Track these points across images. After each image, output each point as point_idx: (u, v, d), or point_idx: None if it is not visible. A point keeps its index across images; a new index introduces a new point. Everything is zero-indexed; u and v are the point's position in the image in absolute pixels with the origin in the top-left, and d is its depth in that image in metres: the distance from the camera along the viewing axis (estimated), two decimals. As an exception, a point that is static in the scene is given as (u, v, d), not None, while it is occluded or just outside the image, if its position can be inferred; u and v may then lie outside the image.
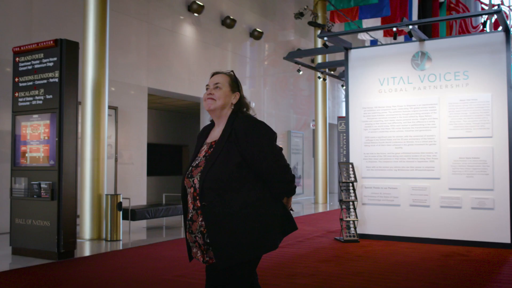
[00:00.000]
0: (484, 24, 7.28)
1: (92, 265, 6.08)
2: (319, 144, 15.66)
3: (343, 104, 21.70)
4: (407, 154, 7.76)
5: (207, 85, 2.78)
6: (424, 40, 7.68)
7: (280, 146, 2.61)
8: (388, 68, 7.97)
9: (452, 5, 20.22)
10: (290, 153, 17.02)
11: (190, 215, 2.66)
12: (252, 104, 9.93)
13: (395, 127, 7.86)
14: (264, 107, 15.79)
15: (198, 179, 2.59)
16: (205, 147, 2.73)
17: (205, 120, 13.93)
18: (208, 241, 2.56)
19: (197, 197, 2.60)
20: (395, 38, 7.38)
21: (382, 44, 8.67)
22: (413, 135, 7.72)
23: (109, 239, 7.78)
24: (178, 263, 6.00)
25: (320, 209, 14.02)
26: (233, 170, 2.54)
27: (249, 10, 15.13)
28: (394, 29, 7.21)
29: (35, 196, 6.31)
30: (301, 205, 15.38)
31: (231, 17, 13.83)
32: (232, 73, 2.82)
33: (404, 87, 7.84)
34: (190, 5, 12.61)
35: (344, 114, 20.73)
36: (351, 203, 7.86)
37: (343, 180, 7.84)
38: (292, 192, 2.67)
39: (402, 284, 5.07)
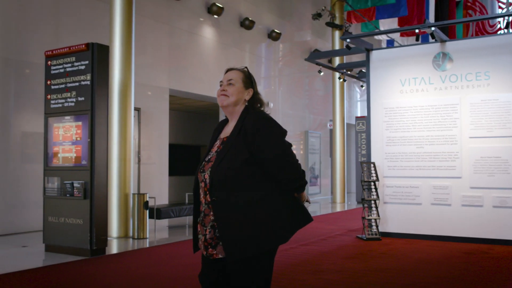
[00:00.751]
0: (507, 25, 7.35)
1: (123, 262, 6.28)
2: (337, 144, 15.77)
3: (359, 104, 21.78)
4: (429, 153, 7.87)
5: (221, 81, 2.79)
6: (445, 41, 7.78)
7: (290, 142, 2.64)
8: (409, 69, 8.09)
9: (469, 4, 20.17)
10: (308, 153, 17.15)
11: (203, 208, 2.69)
12: (271, 105, 10.09)
13: (416, 127, 7.97)
14: (280, 107, 15.93)
15: (209, 174, 2.61)
16: (218, 142, 2.75)
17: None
18: (217, 235, 2.58)
19: (208, 192, 2.63)
20: (417, 40, 7.49)
21: (403, 45, 8.77)
22: (434, 135, 7.83)
23: (136, 237, 7.98)
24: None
25: (338, 208, 14.14)
26: (241, 166, 2.55)
27: (267, 12, 15.29)
28: (417, 30, 7.32)
29: (68, 195, 6.52)
30: (318, 204, 15.52)
31: (250, 19, 13.99)
32: (246, 69, 2.83)
33: (426, 88, 7.95)
34: (210, 7, 12.80)
35: (360, 114, 20.84)
36: (373, 201, 7.98)
37: (365, 179, 7.96)
38: (302, 188, 2.67)
39: (426, 280, 5.20)
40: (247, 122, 2.61)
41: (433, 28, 7.23)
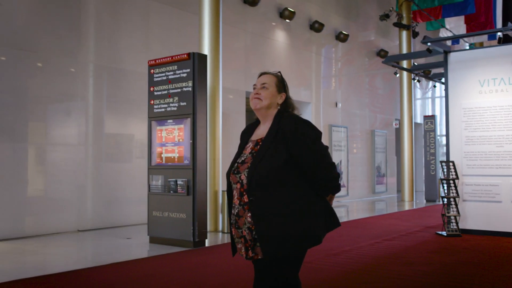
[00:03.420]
0: None
1: (223, 252, 6.84)
2: (405, 143, 15.95)
3: (418, 102, 21.72)
4: (509, 152, 8.05)
5: (254, 84, 2.83)
6: (525, 42, 7.95)
7: (326, 144, 2.76)
8: (488, 70, 8.29)
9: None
10: (374, 152, 17.38)
11: (236, 211, 2.69)
12: (339, 105, 10.50)
13: (496, 127, 8.17)
14: (347, 107, 16.23)
15: (246, 175, 2.63)
16: (250, 144, 2.77)
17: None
18: (255, 236, 2.60)
19: (244, 193, 2.64)
20: (499, 42, 7.68)
21: (483, 47, 8.94)
22: (514, 134, 8.02)
23: (226, 231, 8.56)
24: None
25: (407, 206, 14.33)
26: (280, 167, 2.58)
27: (334, 14, 15.65)
28: (499, 33, 7.54)
29: (171, 192, 7.16)
30: (385, 202, 15.74)
31: (320, 21, 14.39)
32: (279, 73, 2.86)
33: (505, 88, 8.14)
34: (282, 11, 13.30)
35: (420, 113, 20.85)
36: (452, 199, 8.24)
37: (445, 178, 8.24)
38: (337, 189, 2.71)
39: (517, 273, 5.48)
40: (284, 124, 2.65)
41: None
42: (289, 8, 13.31)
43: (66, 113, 8.79)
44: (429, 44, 8.16)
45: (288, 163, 2.59)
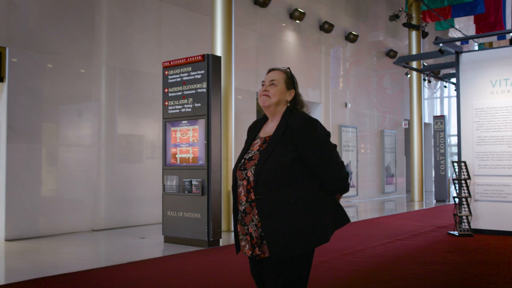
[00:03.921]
0: None
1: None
2: (415, 143, 15.97)
3: (426, 102, 21.71)
4: (521, 152, 8.09)
5: (262, 81, 2.78)
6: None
7: (334, 143, 2.69)
8: (500, 70, 8.32)
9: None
10: (384, 152, 17.41)
11: (243, 207, 2.65)
12: (348, 105, 10.56)
13: (507, 127, 8.20)
14: (357, 107, 16.26)
15: (253, 172, 2.59)
16: (258, 141, 2.73)
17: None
18: (262, 234, 2.57)
19: (251, 190, 2.60)
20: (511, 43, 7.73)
21: (494, 48, 8.97)
22: (527, 134, 8.05)
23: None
24: (319, 249, 6.68)
25: (417, 206, 14.35)
26: (287, 164, 2.54)
27: (344, 14, 15.69)
28: (511, 34, 7.57)
29: (186, 192, 7.24)
30: (394, 202, 15.77)
31: (329, 22, 14.44)
32: (288, 70, 2.81)
33: (517, 88, 8.17)
34: (292, 12, 13.37)
35: (428, 113, 20.85)
36: (464, 199, 8.27)
37: (456, 178, 8.27)
38: (346, 189, 2.69)
39: (531, 272, 5.52)
40: (293, 122, 2.61)
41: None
42: (299, 9, 13.37)
43: (80, 114, 8.89)
44: (441, 45, 8.20)
45: (296, 161, 2.57)
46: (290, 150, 2.57)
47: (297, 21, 13.52)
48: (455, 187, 8.31)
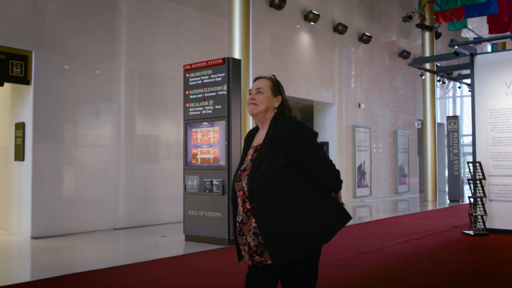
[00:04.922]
0: None
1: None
2: (428, 143, 16.06)
3: (438, 102, 21.77)
4: (535, 153, 8.19)
5: (249, 90, 2.83)
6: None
7: (322, 142, 2.78)
8: (515, 72, 8.44)
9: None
10: (397, 152, 17.51)
11: (240, 218, 2.70)
12: (362, 106, 10.72)
13: (522, 128, 8.31)
14: (370, 107, 16.38)
15: (246, 182, 2.65)
16: (251, 151, 2.79)
17: (318, 121, 14.80)
18: (262, 241, 2.59)
19: (246, 200, 2.64)
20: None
21: (508, 50, 9.07)
22: (541, 135, 8.15)
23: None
24: (337, 248, 6.84)
25: (430, 206, 14.44)
26: (279, 170, 2.58)
27: (357, 16, 15.82)
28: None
29: (207, 191, 7.42)
30: (407, 202, 15.86)
31: (343, 24, 14.58)
32: (273, 77, 2.86)
33: (532, 90, 8.28)
34: (307, 14, 13.52)
35: (441, 113, 20.88)
36: (479, 199, 8.39)
37: (472, 178, 8.39)
38: (339, 187, 2.70)
39: (547, 271, 5.65)
40: (279, 128, 2.66)
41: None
42: (313, 11, 13.52)
43: (100, 115, 9.11)
44: (456, 47, 8.32)
45: (286, 166, 2.60)
46: (279, 156, 2.61)
47: (312, 23, 13.68)
48: (470, 187, 8.43)
